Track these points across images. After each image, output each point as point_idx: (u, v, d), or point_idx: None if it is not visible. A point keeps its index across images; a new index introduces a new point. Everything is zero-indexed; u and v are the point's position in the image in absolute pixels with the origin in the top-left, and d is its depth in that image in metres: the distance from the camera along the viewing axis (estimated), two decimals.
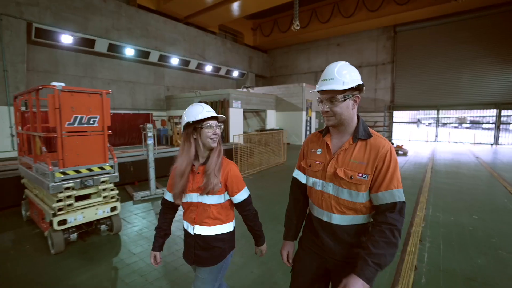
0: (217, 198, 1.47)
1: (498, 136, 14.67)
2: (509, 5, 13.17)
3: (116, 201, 3.43)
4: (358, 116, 1.24)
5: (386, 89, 17.36)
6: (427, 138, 16.97)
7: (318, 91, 1.20)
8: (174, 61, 15.73)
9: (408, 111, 17.15)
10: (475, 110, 15.62)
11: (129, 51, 13.62)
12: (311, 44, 20.05)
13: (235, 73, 20.18)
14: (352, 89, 1.16)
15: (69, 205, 2.99)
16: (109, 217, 3.40)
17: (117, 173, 3.38)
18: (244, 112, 14.11)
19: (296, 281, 1.39)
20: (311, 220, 1.37)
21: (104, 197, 3.31)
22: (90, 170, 3.15)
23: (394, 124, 17.54)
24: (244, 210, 1.54)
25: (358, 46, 18.25)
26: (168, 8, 14.77)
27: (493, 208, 4.50)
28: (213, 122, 1.46)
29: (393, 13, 15.07)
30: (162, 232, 1.59)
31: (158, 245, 1.58)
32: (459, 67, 14.99)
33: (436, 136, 16.56)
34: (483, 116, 15.46)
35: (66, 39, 11.42)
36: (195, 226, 1.49)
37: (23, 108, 4.42)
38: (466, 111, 15.96)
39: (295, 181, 1.46)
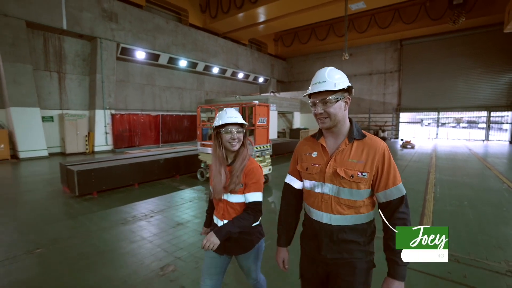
0: (241, 197, 1.59)
1: (488, 134, 17.61)
2: (494, 26, 16.07)
3: (271, 165, 6.22)
4: (350, 119, 1.29)
5: (393, 94, 20.24)
6: (429, 136, 19.90)
7: (309, 96, 1.26)
8: (215, 70, 18.51)
9: (413, 112, 20.04)
10: (469, 112, 18.48)
11: (183, 63, 16.36)
12: (327, 53, 22.88)
13: (260, 79, 23.01)
14: (343, 90, 1.21)
15: None
16: (266, 174, 6.18)
17: (271, 150, 6.18)
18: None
19: (307, 287, 1.43)
20: (309, 224, 1.36)
21: (267, 162, 6.11)
22: (262, 147, 5.94)
23: (400, 124, 20.43)
24: (248, 208, 1.58)
25: (368, 57, 21.13)
26: (213, 26, 17.60)
27: (476, 174, 7.37)
28: (233, 128, 1.56)
29: (400, 30, 17.97)
30: (208, 213, 1.88)
31: (207, 221, 1.87)
32: (456, 75, 17.90)
33: (437, 134, 19.47)
34: (479, 117, 18.33)
35: (140, 54, 14.14)
36: (224, 221, 1.62)
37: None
38: (462, 112, 18.90)
39: (288, 186, 1.48)
